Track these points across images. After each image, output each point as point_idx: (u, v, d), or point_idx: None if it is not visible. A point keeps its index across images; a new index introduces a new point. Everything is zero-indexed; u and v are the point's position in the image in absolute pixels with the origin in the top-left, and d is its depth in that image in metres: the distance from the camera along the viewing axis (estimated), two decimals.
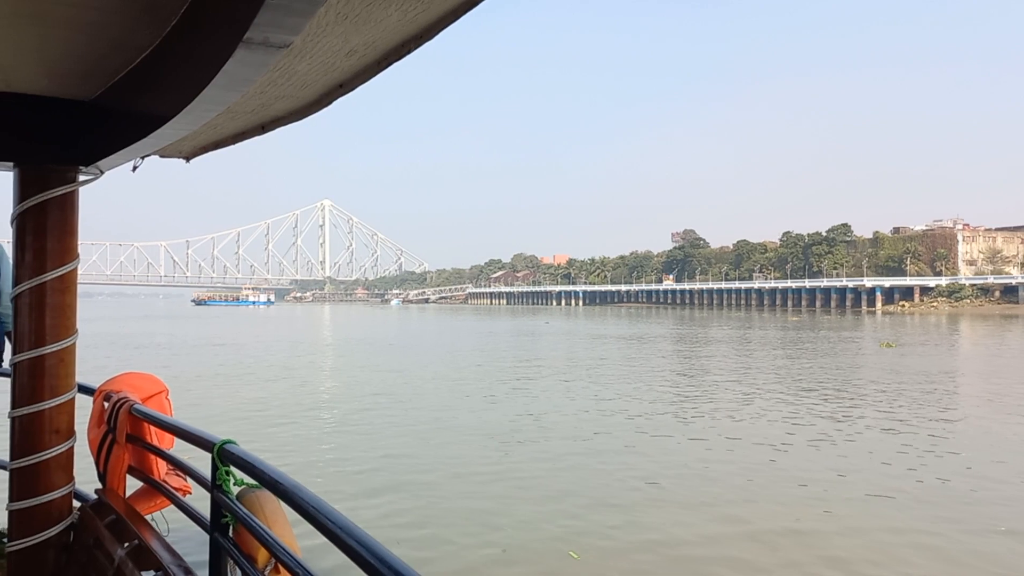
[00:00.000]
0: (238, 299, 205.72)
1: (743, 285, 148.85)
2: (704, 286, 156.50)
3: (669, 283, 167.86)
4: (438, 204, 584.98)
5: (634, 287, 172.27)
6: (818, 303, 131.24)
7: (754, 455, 12.87)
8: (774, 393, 21.15)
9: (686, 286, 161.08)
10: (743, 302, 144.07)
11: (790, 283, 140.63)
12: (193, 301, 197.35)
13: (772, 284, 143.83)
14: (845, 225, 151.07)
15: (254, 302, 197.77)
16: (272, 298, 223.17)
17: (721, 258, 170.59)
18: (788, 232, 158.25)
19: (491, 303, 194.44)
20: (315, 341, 47.02)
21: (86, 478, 3.32)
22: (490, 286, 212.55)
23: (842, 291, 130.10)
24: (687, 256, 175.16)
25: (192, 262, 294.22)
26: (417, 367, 28.76)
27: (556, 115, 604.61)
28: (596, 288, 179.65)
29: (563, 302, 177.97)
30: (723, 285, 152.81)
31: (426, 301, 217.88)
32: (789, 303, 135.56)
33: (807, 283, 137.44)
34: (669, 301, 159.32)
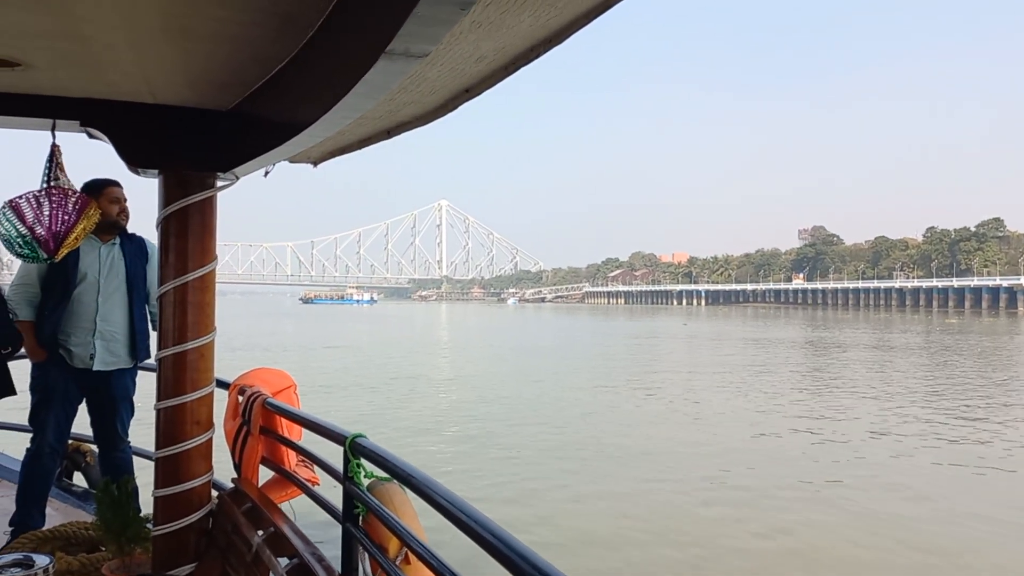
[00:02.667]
0: (343, 297, 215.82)
1: (882, 284, 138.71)
2: (839, 285, 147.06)
3: (799, 282, 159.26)
4: (553, 203, 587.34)
5: (761, 286, 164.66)
6: (967, 304, 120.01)
7: None
8: None
9: (818, 285, 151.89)
10: (882, 302, 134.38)
11: (935, 282, 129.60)
12: (301, 299, 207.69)
13: (916, 283, 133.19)
14: (997, 219, 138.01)
15: (358, 300, 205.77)
16: (375, 296, 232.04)
17: (856, 255, 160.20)
18: (932, 227, 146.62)
19: (608, 302, 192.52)
20: (453, 345, 44.85)
21: (222, 467, 3.50)
22: (607, 285, 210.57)
23: (995, 291, 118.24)
24: (819, 254, 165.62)
25: (316, 262, 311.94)
26: (575, 378, 25.14)
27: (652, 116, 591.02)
28: (720, 287, 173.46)
29: (684, 302, 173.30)
30: (860, 284, 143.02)
31: (542, 300, 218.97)
32: (934, 303, 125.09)
33: (955, 282, 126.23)
34: (799, 301, 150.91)
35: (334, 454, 2.86)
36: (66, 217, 2.95)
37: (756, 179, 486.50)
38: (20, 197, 2.92)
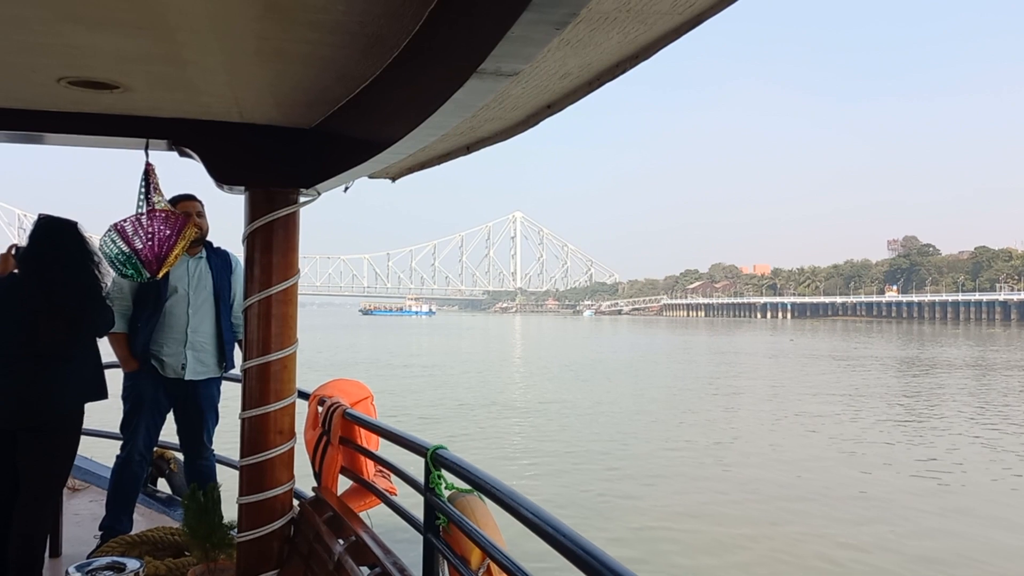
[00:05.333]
0: (401, 309, 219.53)
1: (984, 297, 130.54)
2: (937, 298, 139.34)
3: (893, 294, 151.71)
4: (629, 215, 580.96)
5: (851, 299, 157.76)
6: None
7: None
8: None
9: (914, 298, 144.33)
10: (984, 316, 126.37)
11: None
12: (361, 311, 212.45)
13: (1022, 296, 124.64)
14: None
15: (416, 312, 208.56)
16: (434, 308, 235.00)
17: (954, 267, 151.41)
18: None
19: (688, 315, 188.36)
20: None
21: (301, 476, 3.56)
22: (686, 297, 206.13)
23: None
24: (913, 265, 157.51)
25: (392, 274, 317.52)
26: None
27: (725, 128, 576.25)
28: (807, 300, 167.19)
29: (768, 314, 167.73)
30: (960, 297, 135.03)
31: (619, 312, 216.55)
32: None
33: None
34: (893, 314, 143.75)
35: (411, 464, 2.87)
36: (167, 237, 3.07)
37: (839, 190, 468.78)
38: (125, 220, 3.06)
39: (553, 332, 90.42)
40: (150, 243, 3.02)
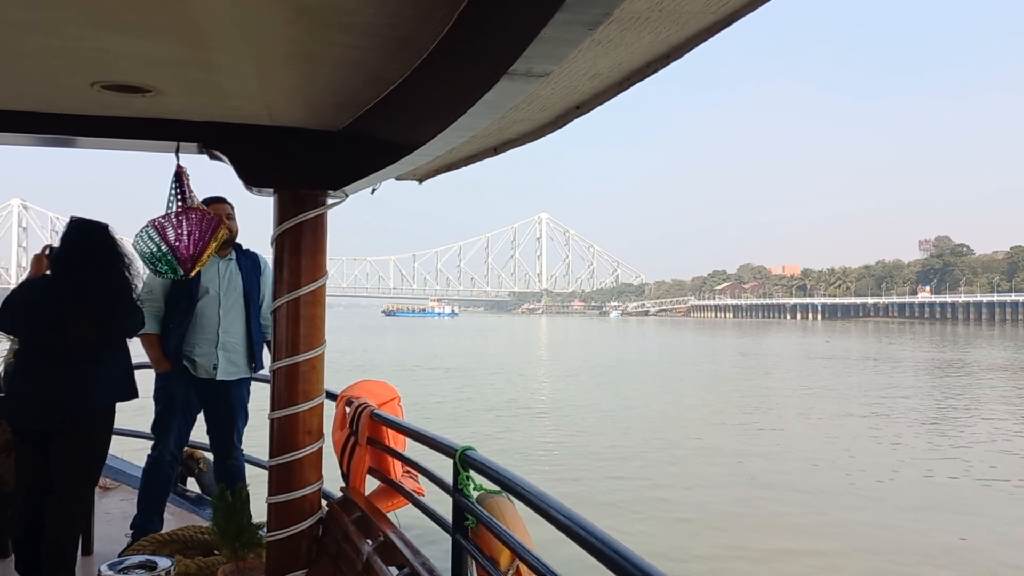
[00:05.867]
0: (424, 310, 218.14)
1: (1021, 298, 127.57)
2: (971, 299, 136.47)
3: (926, 295, 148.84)
4: (656, 216, 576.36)
5: (883, 300, 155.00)
6: None
7: None
8: None
9: (947, 299, 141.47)
10: (1020, 317, 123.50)
11: None
12: (383, 312, 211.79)
13: None
14: None
15: (439, 313, 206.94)
16: (456, 309, 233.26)
17: (989, 267, 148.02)
18: None
19: (715, 316, 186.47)
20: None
21: (329, 476, 3.57)
22: (714, 299, 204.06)
23: None
24: (946, 265, 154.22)
25: (418, 275, 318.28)
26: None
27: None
28: (838, 301, 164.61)
29: (798, 316, 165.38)
30: (995, 298, 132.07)
31: (645, 314, 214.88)
32: None
33: None
34: (926, 316, 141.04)
35: (439, 466, 2.87)
36: (202, 236, 3.10)
37: (862, 188, 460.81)
38: (162, 217, 3.09)
39: (580, 333, 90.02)
40: (186, 241, 3.04)
